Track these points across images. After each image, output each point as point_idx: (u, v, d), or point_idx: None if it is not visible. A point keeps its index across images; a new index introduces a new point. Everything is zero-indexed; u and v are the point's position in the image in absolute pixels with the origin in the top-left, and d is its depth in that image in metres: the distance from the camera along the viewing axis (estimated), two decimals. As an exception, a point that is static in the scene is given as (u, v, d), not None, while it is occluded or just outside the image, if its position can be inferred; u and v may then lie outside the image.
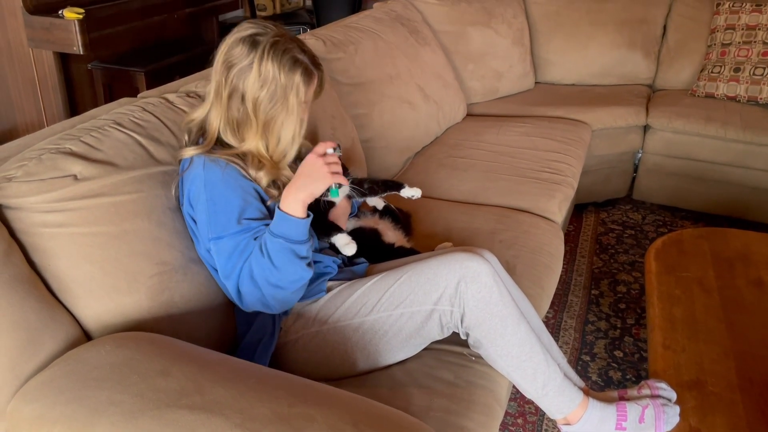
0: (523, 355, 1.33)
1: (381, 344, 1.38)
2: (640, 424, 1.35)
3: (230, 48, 1.34)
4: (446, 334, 1.39)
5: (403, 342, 1.39)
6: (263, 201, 1.37)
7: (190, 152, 1.36)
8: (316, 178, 1.30)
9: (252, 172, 1.36)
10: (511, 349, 1.33)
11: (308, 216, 1.31)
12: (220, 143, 1.38)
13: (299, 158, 1.44)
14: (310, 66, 1.37)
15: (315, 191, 1.31)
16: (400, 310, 1.35)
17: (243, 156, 1.36)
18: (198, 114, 1.41)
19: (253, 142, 1.36)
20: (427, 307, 1.34)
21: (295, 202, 1.29)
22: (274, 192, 1.38)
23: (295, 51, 1.34)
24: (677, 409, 1.36)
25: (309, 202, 1.31)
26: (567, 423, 1.37)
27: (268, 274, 1.27)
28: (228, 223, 1.30)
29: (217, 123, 1.37)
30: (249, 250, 1.30)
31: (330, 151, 1.33)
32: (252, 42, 1.32)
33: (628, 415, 1.36)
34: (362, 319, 1.38)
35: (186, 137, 1.43)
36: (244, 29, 1.34)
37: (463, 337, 1.38)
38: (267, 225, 1.33)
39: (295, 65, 1.33)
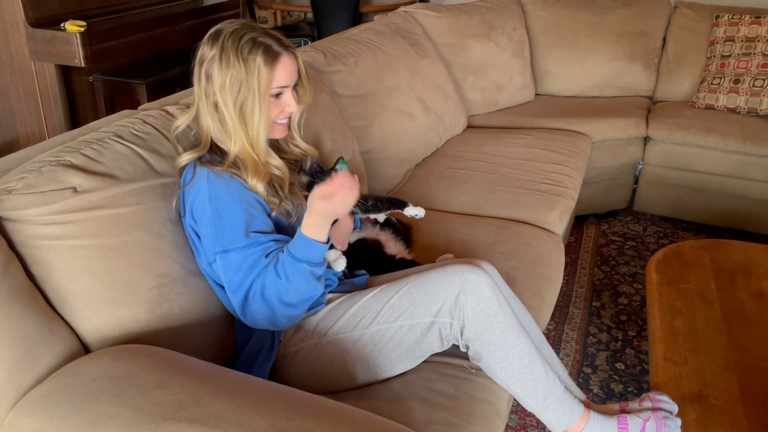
0: (523, 368, 1.33)
1: (380, 357, 1.37)
2: (641, 437, 1.34)
3: (202, 47, 1.37)
4: (446, 346, 1.38)
5: (403, 354, 1.38)
6: (267, 213, 1.37)
7: (186, 157, 1.38)
8: (338, 201, 1.30)
9: (249, 180, 1.36)
10: (512, 361, 1.32)
11: (329, 240, 1.33)
12: (216, 148, 1.39)
13: (308, 174, 1.45)
14: (275, 46, 1.36)
15: (337, 214, 1.34)
16: (400, 322, 1.35)
17: (237, 164, 1.37)
18: (183, 119, 1.44)
19: (238, 139, 1.36)
20: (427, 320, 1.34)
21: (317, 228, 1.30)
22: (275, 200, 1.38)
23: (254, 34, 1.35)
24: (679, 422, 1.35)
25: (330, 225, 1.33)
26: (568, 436, 1.37)
27: (282, 293, 1.28)
28: (235, 237, 1.30)
29: (206, 124, 1.38)
30: (260, 265, 1.30)
31: (338, 167, 1.34)
32: (215, 35, 1.35)
33: (630, 427, 1.35)
34: (362, 331, 1.37)
35: (179, 146, 1.45)
36: (213, 28, 1.38)
37: (462, 349, 1.38)
38: (276, 240, 1.34)
39: (254, 47, 1.33)
